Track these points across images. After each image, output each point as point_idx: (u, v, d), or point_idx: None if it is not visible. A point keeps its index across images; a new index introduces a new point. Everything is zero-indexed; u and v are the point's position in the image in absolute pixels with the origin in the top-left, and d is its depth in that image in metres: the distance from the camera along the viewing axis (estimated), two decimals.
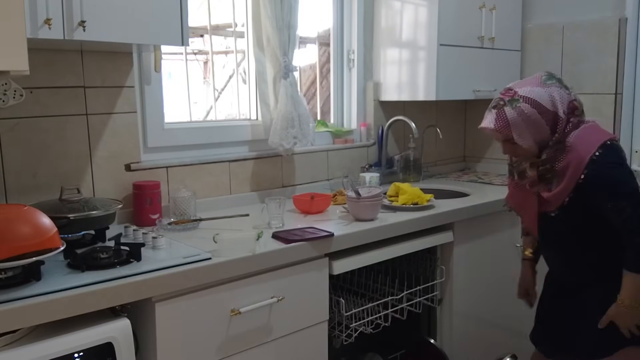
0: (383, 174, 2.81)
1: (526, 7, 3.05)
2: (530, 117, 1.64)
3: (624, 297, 1.67)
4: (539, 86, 1.68)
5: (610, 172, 1.66)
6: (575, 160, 1.66)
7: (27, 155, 1.84)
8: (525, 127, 1.65)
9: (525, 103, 1.64)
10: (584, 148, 1.67)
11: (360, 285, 2.25)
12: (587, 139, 1.69)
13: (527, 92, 1.66)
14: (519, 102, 1.65)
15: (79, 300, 1.36)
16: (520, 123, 1.65)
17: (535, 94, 1.66)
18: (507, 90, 1.70)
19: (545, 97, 1.66)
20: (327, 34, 2.82)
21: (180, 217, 2.01)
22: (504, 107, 1.66)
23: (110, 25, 1.63)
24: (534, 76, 1.74)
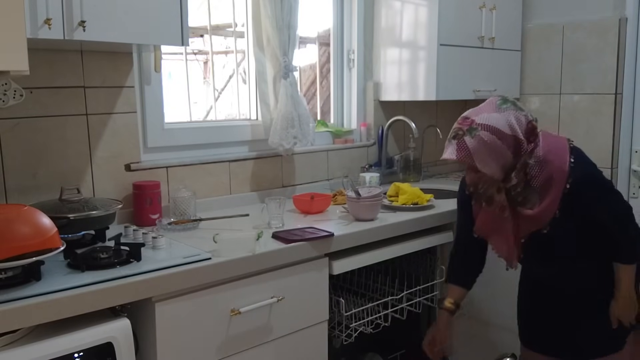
0: (383, 174, 2.81)
1: (526, 7, 3.05)
2: (490, 144, 1.63)
3: (624, 289, 1.73)
4: (495, 112, 1.67)
5: (590, 173, 1.71)
6: (557, 172, 1.67)
7: (27, 155, 1.84)
8: (487, 155, 1.64)
9: (484, 130, 1.63)
10: (559, 158, 1.69)
11: (360, 285, 2.25)
12: (554, 148, 1.71)
13: (484, 120, 1.65)
14: (477, 130, 1.63)
15: (79, 300, 1.36)
16: (481, 151, 1.63)
17: (493, 120, 1.64)
18: (464, 119, 1.69)
19: (502, 122, 1.64)
20: (327, 34, 2.82)
21: (180, 217, 2.01)
22: (463, 136, 1.65)
23: (110, 25, 1.63)
24: (488, 102, 1.73)
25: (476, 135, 1.63)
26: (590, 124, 2.88)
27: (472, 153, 1.63)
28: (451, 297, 1.95)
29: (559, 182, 1.67)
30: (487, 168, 1.65)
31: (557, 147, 1.72)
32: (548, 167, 1.68)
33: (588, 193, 1.68)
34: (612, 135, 2.80)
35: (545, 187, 1.69)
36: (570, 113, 2.95)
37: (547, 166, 1.68)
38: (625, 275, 1.74)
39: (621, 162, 2.82)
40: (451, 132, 1.70)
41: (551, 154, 1.69)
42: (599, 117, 2.85)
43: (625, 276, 1.74)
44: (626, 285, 1.74)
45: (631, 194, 2.84)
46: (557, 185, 1.67)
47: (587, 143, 2.89)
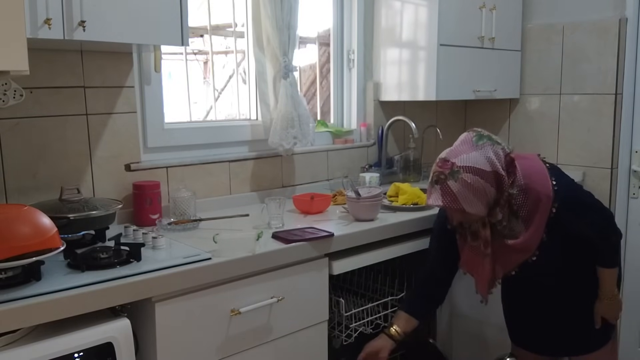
0: (383, 174, 2.81)
1: (526, 7, 3.05)
2: (474, 185, 1.61)
3: (607, 291, 1.79)
4: (473, 150, 1.65)
5: (573, 195, 1.74)
6: (542, 198, 1.68)
7: (27, 155, 1.84)
8: (472, 196, 1.62)
9: (467, 172, 1.61)
10: (541, 183, 1.69)
11: (360, 285, 2.25)
12: (534, 173, 1.71)
13: (464, 161, 1.63)
14: (459, 173, 1.61)
15: (79, 300, 1.36)
16: (466, 193, 1.62)
17: (473, 160, 1.62)
18: (443, 162, 1.67)
19: (482, 160, 1.63)
20: (327, 34, 2.82)
21: (180, 217, 2.01)
22: (446, 181, 1.63)
23: (110, 25, 1.63)
24: (463, 139, 1.71)
25: (459, 179, 1.61)
26: (590, 124, 2.88)
27: (457, 197, 1.62)
28: (399, 326, 1.89)
29: (544, 207, 1.68)
30: (473, 208, 1.64)
31: (535, 171, 1.72)
32: (532, 194, 1.69)
33: (572, 213, 1.70)
34: (612, 136, 2.80)
35: (532, 213, 1.70)
36: (570, 113, 2.95)
37: (530, 193, 1.69)
38: (608, 277, 1.79)
39: (621, 162, 2.83)
40: (432, 176, 1.68)
41: (532, 180, 1.70)
42: (599, 118, 2.85)
43: (608, 278, 1.79)
44: (609, 286, 1.79)
45: (631, 194, 2.84)
46: (543, 210, 1.69)
47: (587, 143, 2.90)
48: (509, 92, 3.06)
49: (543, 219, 1.69)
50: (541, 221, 1.70)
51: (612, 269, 1.79)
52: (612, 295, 1.80)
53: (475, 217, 1.69)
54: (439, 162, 1.68)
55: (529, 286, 1.91)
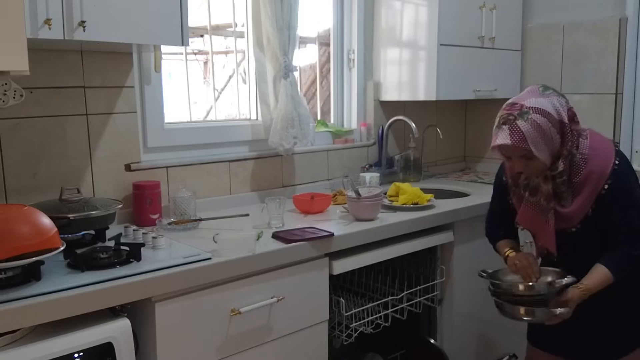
0: (383, 174, 2.81)
1: (526, 7, 3.05)
2: (543, 127, 1.61)
3: (590, 286, 1.65)
4: (541, 96, 1.66)
5: (629, 183, 1.68)
6: (597, 171, 1.66)
7: (27, 155, 1.84)
8: (540, 139, 1.61)
9: (536, 114, 1.61)
10: (603, 158, 1.67)
11: (360, 285, 2.25)
12: (600, 147, 1.69)
13: (533, 103, 1.63)
14: (529, 114, 1.61)
15: (79, 300, 1.36)
16: (535, 135, 1.61)
17: (542, 104, 1.63)
18: (511, 105, 1.66)
19: (550, 107, 1.63)
20: (327, 34, 2.82)
21: (180, 217, 2.01)
22: (515, 120, 1.62)
23: (110, 25, 1.63)
24: (529, 89, 1.71)
25: (529, 119, 1.60)
26: (590, 124, 2.85)
27: (526, 137, 1.60)
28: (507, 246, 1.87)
29: (597, 181, 1.66)
30: (540, 153, 1.62)
31: (603, 146, 1.71)
32: (590, 165, 1.67)
33: (616, 200, 1.66)
34: (612, 136, 2.80)
35: (583, 184, 1.67)
36: None
37: (590, 163, 1.67)
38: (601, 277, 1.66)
39: None
40: (499, 118, 1.67)
41: (597, 152, 1.68)
42: (599, 117, 2.85)
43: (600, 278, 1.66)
44: (595, 285, 1.65)
45: None
46: (595, 184, 1.66)
47: None
48: (509, 92, 3.05)
49: (594, 192, 1.66)
50: (591, 194, 1.67)
51: (608, 274, 1.65)
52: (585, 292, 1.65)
53: (539, 166, 1.67)
54: (506, 107, 1.68)
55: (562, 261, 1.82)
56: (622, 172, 1.67)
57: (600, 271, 1.67)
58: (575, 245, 1.77)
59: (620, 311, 1.77)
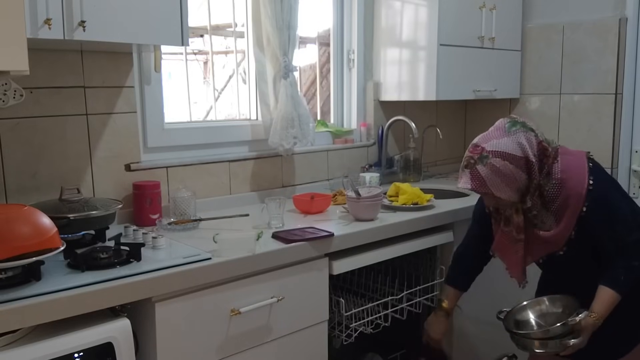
0: (383, 174, 2.81)
1: (526, 7, 3.05)
2: (502, 170, 1.63)
3: (602, 311, 1.64)
4: (505, 136, 1.66)
5: (607, 199, 1.68)
6: (573, 195, 1.67)
7: (27, 155, 1.84)
8: (500, 181, 1.64)
9: (495, 157, 1.63)
10: (577, 180, 1.67)
11: (360, 285, 2.25)
12: (572, 169, 1.69)
13: (494, 146, 1.65)
14: (488, 158, 1.63)
15: (79, 300, 1.36)
16: (494, 178, 1.63)
17: (502, 146, 1.64)
18: (474, 147, 1.69)
19: (513, 146, 1.64)
20: (327, 34, 2.82)
21: (180, 217, 2.01)
22: (475, 165, 1.65)
23: (110, 25, 1.63)
24: (496, 126, 1.72)
25: (488, 163, 1.63)
26: (590, 124, 2.88)
27: (486, 181, 1.64)
28: (449, 300, 1.98)
29: (575, 205, 1.66)
30: (502, 193, 1.65)
31: (575, 167, 1.70)
32: (565, 190, 1.67)
33: (599, 219, 1.66)
34: (612, 135, 2.80)
35: (562, 208, 1.68)
36: (570, 113, 2.95)
37: (564, 188, 1.67)
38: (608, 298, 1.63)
39: (621, 162, 2.82)
40: (463, 161, 1.70)
41: (569, 176, 1.68)
42: (599, 117, 2.85)
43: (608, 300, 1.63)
44: (604, 308, 1.63)
45: (631, 194, 2.84)
46: (574, 207, 1.67)
47: (587, 143, 2.90)
48: (509, 92, 3.06)
49: (573, 216, 1.67)
50: (571, 218, 1.68)
51: (614, 293, 1.63)
52: (598, 318, 1.63)
53: (507, 202, 1.70)
54: (470, 148, 1.70)
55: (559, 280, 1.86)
56: (598, 191, 1.66)
57: (606, 293, 1.65)
58: (564, 267, 1.79)
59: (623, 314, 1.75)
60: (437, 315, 2.00)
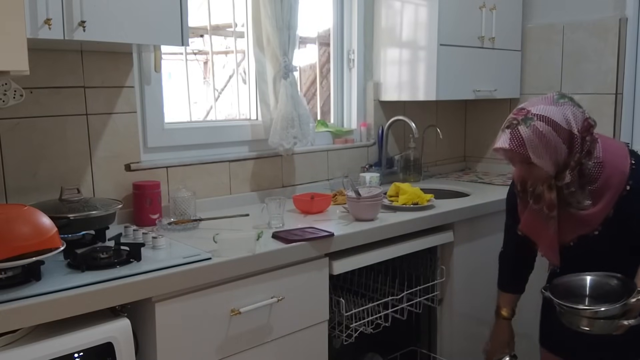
0: (383, 174, 2.81)
1: (526, 7, 3.05)
2: (545, 135, 1.57)
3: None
4: (552, 105, 1.62)
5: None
6: (616, 174, 1.63)
7: (27, 155, 1.84)
8: (541, 146, 1.58)
9: (540, 121, 1.58)
10: (618, 160, 1.64)
11: (360, 285, 2.25)
12: (614, 150, 1.67)
13: (540, 110, 1.60)
14: (532, 120, 1.58)
15: (79, 300, 1.36)
16: (536, 142, 1.58)
17: (549, 112, 1.59)
18: (519, 109, 1.64)
19: (559, 115, 1.59)
20: (327, 34, 2.82)
21: (180, 217, 2.01)
22: (517, 126, 1.59)
23: (110, 25, 1.63)
24: (545, 96, 1.68)
25: (531, 125, 1.58)
26: None
27: (525, 143, 1.58)
28: (505, 306, 1.94)
29: (617, 184, 1.63)
30: (540, 160, 1.59)
31: (616, 148, 1.68)
32: (607, 169, 1.64)
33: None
34: (612, 135, 2.80)
35: (602, 189, 1.64)
36: None
37: (606, 168, 1.64)
38: None
39: None
40: (505, 122, 1.65)
41: (610, 156, 1.65)
42: (599, 117, 2.81)
43: None
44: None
45: None
46: (616, 187, 1.63)
47: None
48: (509, 92, 3.06)
49: (614, 195, 1.63)
50: (612, 197, 1.64)
51: None
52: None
53: (541, 175, 1.64)
54: (515, 110, 1.65)
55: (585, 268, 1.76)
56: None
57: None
58: (596, 250, 1.72)
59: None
60: (498, 324, 1.95)
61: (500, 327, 1.95)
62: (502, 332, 1.95)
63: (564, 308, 1.62)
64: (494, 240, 2.50)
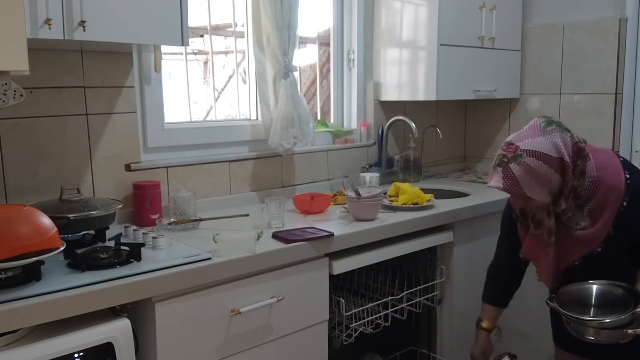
0: (383, 174, 2.81)
1: (526, 7, 3.05)
2: (537, 170, 1.57)
3: None
4: (540, 135, 1.62)
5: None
6: (612, 191, 1.63)
7: (27, 155, 1.84)
8: (534, 181, 1.59)
9: (530, 157, 1.57)
10: (613, 176, 1.64)
11: (360, 285, 2.25)
12: (606, 165, 1.66)
13: (529, 145, 1.59)
14: (522, 157, 1.58)
15: (79, 300, 1.36)
16: (528, 178, 1.58)
17: (538, 145, 1.59)
18: (508, 145, 1.63)
19: (548, 146, 1.59)
20: (327, 34, 2.82)
21: (180, 217, 2.01)
22: (508, 164, 1.60)
23: (110, 25, 1.63)
24: (531, 124, 1.67)
25: (522, 162, 1.58)
26: (590, 124, 2.88)
27: (519, 181, 1.58)
28: (487, 319, 1.97)
29: (614, 201, 1.63)
30: (535, 194, 1.60)
31: (608, 164, 1.67)
32: (603, 187, 1.64)
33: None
34: (612, 135, 2.80)
35: (600, 207, 1.64)
36: (570, 113, 2.95)
37: (601, 186, 1.64)
38: None
39: None
40: (495, 159, 1.65)
41: (604, 172, 1.64)
42: (599, 117, 2.85)
43: None
44: None
45: None
46: (613, 204, 1.63)
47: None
48: (509, 92, 3.06)
49: (612, 212, 1.63)
50: (610, 215, 1.64)
51: None
52: None
53: (539, 204, 1.65)
54: (503, 146, 1.65)
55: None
56: (636, 184, 1.63)
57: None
58: (601, 266, 1.72)
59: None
60: (479, 335, 1.99)
61: (481, 337, 1.99)
62: (481, 342, 1.99)
63: (570, 318, 1.63)
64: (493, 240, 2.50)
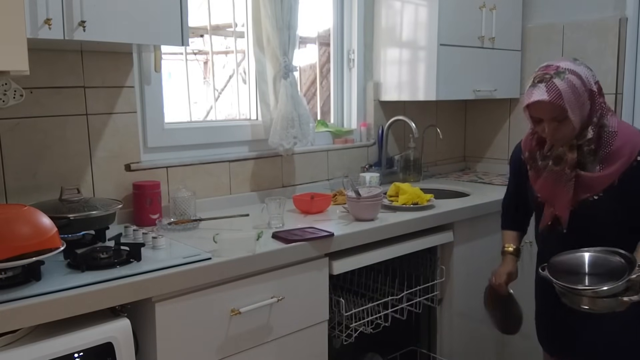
0: (383, 174, 2.81)
1: (526, 7, 3.05)
2: (578, 89, 1.60)
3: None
4: (574, 63, 1.66)
5: None
6: (629, 144, 1.65)
7: (27, 155, 1.84)
8: (575, 100, 1.60)
9: (572, 75, 1.60)
10: (632, 133, 1.68)
11: (360, 285, 2.25)
12: (627, 126, 1.72)
13: (569, 66, 1.63)
14: (565, 73, 1.60)
15: (79, 300, 1.36)
16: (571, 95, 1.59)
17: (576, 68, 1.63)
18: (546, 66, 1.66)
19: (584, 72, 1.64)
20: (327, 34, 2.82)
21: (180, 217, 2.01)
22: (552, 79, 1.61)
23: (110, 25, 1.63)
24: (561, 58, 1.72)
25: (565, 78, 1.60)
26: None
27: (563, 95, 1.59)
28: (510, 242, 1.98)
29: (629, 153, 1.65)
30: (573, 114, 1.61)
31: (628, 125, 1.74)
32: (621, 138, 1.66)
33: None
34: None
35: (613, 156, 1.66)
36: None
37: (620, 137, 1.66)
38: None
39: None
40: (534, 78, 1.66)
41: (625, 129, 1.69)
42: None
43: None
44: None
45: None
46: (627, 156, 1.65)
47: None
48: (509, 92, 3.06)
49: (623, 164, 1.65)
50: (621, 166, 1.65)
51: None
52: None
53: (568, 130, 1.64)
54: (541, 68, 1.67)
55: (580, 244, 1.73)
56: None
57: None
58: (591, 217, 1.71)
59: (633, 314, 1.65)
60: (504, 259, 1.97)
61: (507, 259, 1.97)
62: (507, 264, 1.96)
63: (565, 289, 1.59)
64: (494, 240, 2.51)
